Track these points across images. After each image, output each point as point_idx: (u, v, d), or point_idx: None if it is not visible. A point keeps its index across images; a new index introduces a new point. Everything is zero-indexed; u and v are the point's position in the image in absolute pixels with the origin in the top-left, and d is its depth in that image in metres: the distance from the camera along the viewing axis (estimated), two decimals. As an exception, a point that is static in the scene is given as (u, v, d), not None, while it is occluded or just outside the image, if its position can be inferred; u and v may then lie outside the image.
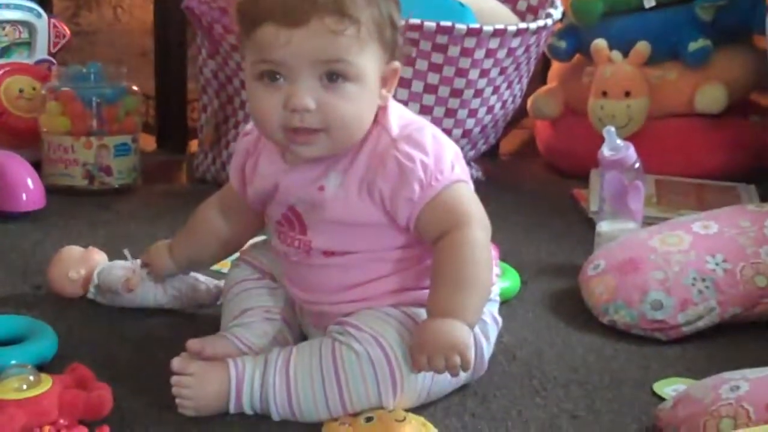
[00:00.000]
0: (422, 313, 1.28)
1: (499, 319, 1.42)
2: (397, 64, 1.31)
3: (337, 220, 1.30)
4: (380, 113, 1.31)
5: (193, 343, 1.33)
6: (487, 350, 1.39)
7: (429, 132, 1.31)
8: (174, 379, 1.28)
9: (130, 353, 1.44)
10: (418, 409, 1.28)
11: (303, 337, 1.39)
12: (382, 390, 1.25)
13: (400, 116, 1.33)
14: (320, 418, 1.27)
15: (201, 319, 1.32)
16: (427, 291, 1.31)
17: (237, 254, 1.51)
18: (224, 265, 1.72)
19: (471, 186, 1.32)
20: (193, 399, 1.28)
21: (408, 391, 1.27)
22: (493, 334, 1.41)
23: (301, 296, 1.38)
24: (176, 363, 1.29)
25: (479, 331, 1.36)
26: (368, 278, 1.32)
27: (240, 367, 1.28)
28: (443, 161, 1.29)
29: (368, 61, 1.26)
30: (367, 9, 1.24)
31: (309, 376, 1.26)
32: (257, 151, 1.37)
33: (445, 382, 1.31)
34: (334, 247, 1.32)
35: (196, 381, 1.28)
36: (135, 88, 2.19)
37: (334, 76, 1.24)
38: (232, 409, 1.28)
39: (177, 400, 1.28)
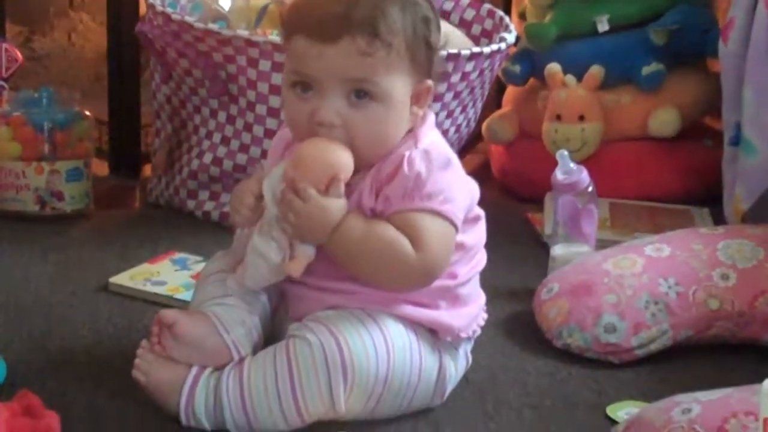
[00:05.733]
0: (396, 327, 1.29)
1: (470, 358, 1.42)
2: (430, 82, 1.33)
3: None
4: (418, 126, 1.33)
5: (165, 314, 1.31)
6: (452, 383, 1.39)
7: (449, 162, 1.31)
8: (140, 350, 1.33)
9: (80, 381, 1.42)
10: (369, 434, 1.28)
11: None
12: (332, 380, 1.25)
13: (438, 140, 1.34)
14: (275, 425, 1.27)
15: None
16: (428, 311, 1.32)
17: None
18: (177, 291, 1.71)
19: (453, 231, 1.31)
20: (149, 368, 1.30)
21: (358, 386, 1.27)
22: (462, 369, 1.41)
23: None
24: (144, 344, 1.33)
25: (450, 362, 1.36)
26: None
27: (199, 369, 1.29)
28: (440, 190, 1.29)
29: (396, 82, 1.28)
30: (401, 32, 1.27)
31: (262, 372, 1.27)
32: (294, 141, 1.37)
33: (398, 388, 1.31)
34: None
35: (157, 360, 1.31)
36: (87, 113, 2.18)
37: (361, 93, 1.27)
38: (183, 409, 1.28)
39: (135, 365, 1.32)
